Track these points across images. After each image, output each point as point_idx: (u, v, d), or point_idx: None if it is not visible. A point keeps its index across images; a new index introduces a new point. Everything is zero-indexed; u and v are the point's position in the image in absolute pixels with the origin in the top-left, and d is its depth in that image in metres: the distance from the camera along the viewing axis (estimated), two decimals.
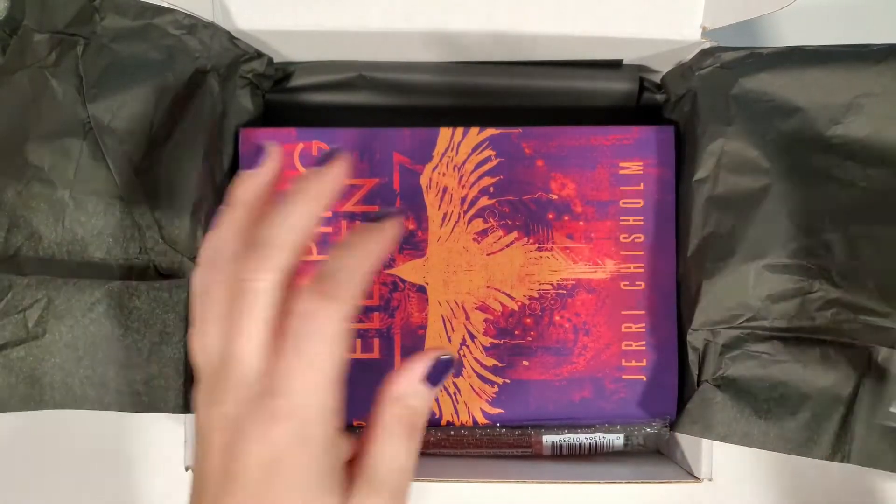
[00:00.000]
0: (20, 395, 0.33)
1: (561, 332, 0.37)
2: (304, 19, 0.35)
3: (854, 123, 0.33)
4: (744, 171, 0.34)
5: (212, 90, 0.35)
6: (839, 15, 0.43)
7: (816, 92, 0.34)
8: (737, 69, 0.34)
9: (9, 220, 0.33)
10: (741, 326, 0.34)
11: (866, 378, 0.33)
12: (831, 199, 0.33)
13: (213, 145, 0.35)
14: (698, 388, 0.34)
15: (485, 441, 0.37)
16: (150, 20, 0.34)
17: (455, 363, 0.29)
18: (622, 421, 0.36)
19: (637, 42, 0.36)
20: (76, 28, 0.33)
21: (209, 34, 0.35)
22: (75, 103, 0.33)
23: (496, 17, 0.35)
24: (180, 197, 0.34)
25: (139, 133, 0.34)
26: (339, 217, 0.37)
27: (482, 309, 0.37)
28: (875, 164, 0.33)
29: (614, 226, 0.37)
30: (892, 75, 0.33)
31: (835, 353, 0.33)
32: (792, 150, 0.34)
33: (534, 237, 0.37)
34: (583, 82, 0.39)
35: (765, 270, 0.33)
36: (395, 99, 0.40)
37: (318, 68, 0.39)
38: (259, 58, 0.37)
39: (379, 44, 0.37)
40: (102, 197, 0.33)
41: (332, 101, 0.40)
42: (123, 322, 0.33)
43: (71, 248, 0.33)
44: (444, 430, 0.37)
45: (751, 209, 0.34)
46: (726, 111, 0.34)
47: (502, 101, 0.40)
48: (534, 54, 0.38)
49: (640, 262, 0.37)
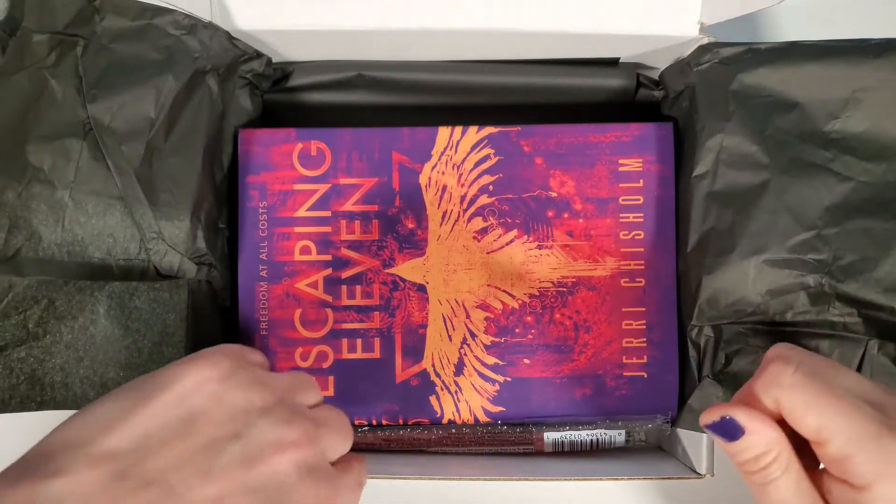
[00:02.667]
0: (21, 397, 0.33)
1: (561, 330, 0.37)
2: (303, 19, 0.35)
3: (852, 118, 0.33)
4: (743, 167, 0.34)
5: (211, 90, 0.35)
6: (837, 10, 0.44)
7: (815, 87, 0.34)
8: (735, 65, 0.34)
9: (9, 221, 0.33)
10: (741, 321, 0.34)
11: (866, 371, 0.33)
12: (830, 193, 0.33)
13: (213, 145, 0.35)
14: (699, 383, 0.34)
15: (486, 439, 0.37)
16: (149, 20, 0.34)
17: None
18: (623, 417, 0.36)
19: (635, 39, 0.36)
20: (76, 28, 0.34)
21: (208, 34, 0.35)
22: (75, 104, 0.33)
23: (494, 15, 0.35)
24: (180, 197, 0.34)
25: (139, 133, 0.34)
26: (338, 217, 0.37)
27: (483, 307, 0.37)
28: (874, 158, 0.33)
29: (614, 223, 0.37)
30: (891, 69, 0.33)
31: (835, 347, 0.33)
32: (791, 145, 0.34)
33: (533, 235, 0.37)
34: (581, 80, 0.39)
35: (765, 265, 0.33)
36: (393, 98, 0.40)
37: (316, 68, 0.39)
38: (258, 58, 0.37)
39: (377, 43, 0.37)
40: (102, 197, 0.33)
41: (331, 100, 0.40)
42: (124, 322, 0.33)
43: (71, 249, 0.33)
44: (446, 429, 0.37)
45: (750, 204, 0.34)
46: (725, 107, 0.34)
47: (501, 100, 0.40)
48: (532, 52, 0.38)
49: (641, 259, 0.37)
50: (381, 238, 0.37)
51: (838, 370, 0.26)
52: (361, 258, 0.37)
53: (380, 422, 0.37)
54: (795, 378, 0.25)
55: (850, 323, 0.33)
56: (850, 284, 0.33)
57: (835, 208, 0.33)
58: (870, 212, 0.33)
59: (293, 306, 0.37)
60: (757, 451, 0.25)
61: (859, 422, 0.23)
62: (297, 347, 0.37)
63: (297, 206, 0.37)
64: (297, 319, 0.37)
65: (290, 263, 0.37)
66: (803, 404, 0.24)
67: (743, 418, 0.25)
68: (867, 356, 0.33)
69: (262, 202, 0.37)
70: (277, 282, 0.37)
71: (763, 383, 0.26)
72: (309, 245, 0.37)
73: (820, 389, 0.24)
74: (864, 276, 0.33)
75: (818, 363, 0.26)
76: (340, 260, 0.37)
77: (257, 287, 0.37)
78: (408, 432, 0.37)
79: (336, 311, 0.37)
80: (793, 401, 0.25)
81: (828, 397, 0.24)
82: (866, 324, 0.33)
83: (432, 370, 0.37)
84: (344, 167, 0.37)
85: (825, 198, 0.33)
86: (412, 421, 0.37)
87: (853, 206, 0.33)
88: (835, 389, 0.24)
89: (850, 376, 0.25)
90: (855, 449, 0.23)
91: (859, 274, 0.33)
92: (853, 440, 0.23)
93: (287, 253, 0.37)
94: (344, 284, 0.37)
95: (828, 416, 0.24)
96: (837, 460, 0.24)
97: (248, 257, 0.37)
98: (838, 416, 0.24)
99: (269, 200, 0.37)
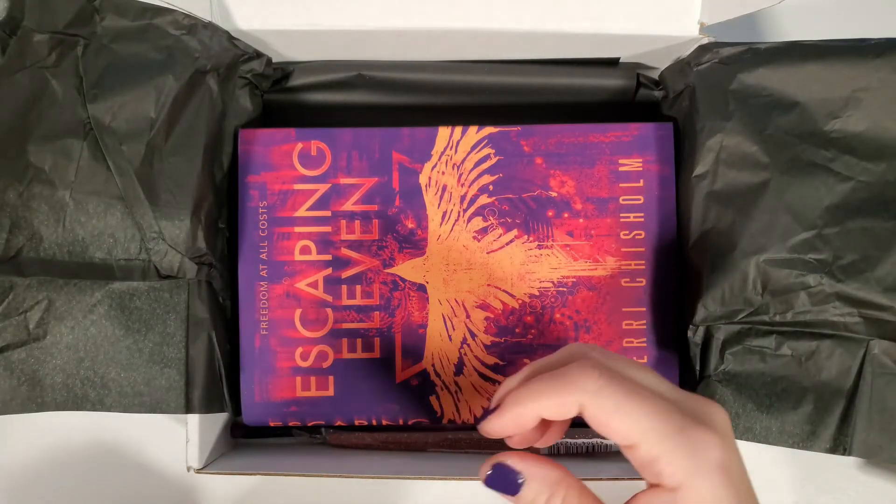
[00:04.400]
0: (21, 398, 0.33)
1: (562, 330, 0.37)
2: (303, 19, 0.35)
3: (852, 117, 0.33)
4: (743, 166, 0.34)
5: (211, 90, 0.35)
6: (837, 9, 0.44)
7: (815, 86, 0.34)
8: (735, 64, 0.34)
9: (10, 221, 0.33)
10: (742, 321, 0.34)
11: (866, 371, 0.33)
12: (830, 193, 0.33)
13: (213, 145, 0.35)
14: (700, 383, 0.34)
15: (483, 444, 0.37)
16: (149, 20, 0.34)
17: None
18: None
19: (635, 38, 0.36)
20: (76, 28, 0.34)
21: (208, 34, 0.35)
22: (75, 104, 0.33)
23: (494, 15, 0.35)
24: (180, 197, 0.34)
25: (139, 133, 0.34)
26: (338, 216, 0.37)
27: (483, 307, 0.37)
28: (873, 157, 0.33)
29: (614, 223, 0.37)
30: (890, 69, 0.33)
31: (835, 347, 0.33)
32: (790, 145, 0.34)
33: (534, 235, 0.37)
34: (581, 80, 0.39)
35: (765, 265, 0.33)
36: (393, 98, 0.40)
37: (316, 68, 0.39)
38: (258, 58, 0.37)
39: (377, 43, 0.37)
40: (103, 197, 0.33)
41: (331, 100, 0.40)
42: (124, 323, 0.33)
43: (72, 249, 0.33)
44: (442, 434, 0.37)
45: (750, 204, 0.34)
46: (725, 106, 0.34)
47: (501, 100, 0.40)
48: (532, 52, 0.38)
49: (641, 259, 0.37)
50: (381, 238, 0.37)
51: (636, 368, 0.25)
52: (361, 258, 0.37)
53: (380, 422, 0.37)
54: (601, 382, 0.23)
55: (850, 323, 0.33)
56: (851, 284, 0.33)
57: (835, 208, 0.33)
58: (870, 211, 0.33)
59: (293, 306, 0.37)
60: (544, 498, 0.24)
61: (665, 419, 0.23)
62: (298, 347, 0.37)
63: (297, 205, 0.37)
64: (297, 319, 0.37)
65: (290, 263, 0.37)
66: (612, 408, 0.23)
67: (517, 464, 0.25)
68: (868, 356, 0.33)
69: (262, 202, 0.37)
70: (277, 282, 0.37)
71: (566, 388, 0.24)
72: (309, 245, 0.37)
73: (625, 391, 0.23)
74: (865, 276, 0.33)
75: (618, 363, 0.25)
76: (340, 260, 0.37)
77: (257, 287, 0.37)
78: (405, 436, 0.37)
79: (336, 310, 0.37)
80: (599, 406, 0.23)
81: (633, 399, 0.23)
82: (867, 324, 0.33)
83: (432, 370, 0.37)
84: (344, 167, 0.37)
85: (825, 197, 0.33)
86: (412, 421, 0.37)
87: (853, 206, 0.33)
88: (639, 390, 0.23)
89: (648, 375, 0.25)
90: (665, 446, 0.22)
91: (860, 273, 0.33)
92: (662, 438, 0.22)
93: (287, 253, 0.37)
94: (344, 284, 0.37)
95: (635, 417, 0.23)
96: (648, 462, 0.23)
97: (248, 257, 0.37)
98: (646, 417, 0.23)
99: (269, 200, 0.37)
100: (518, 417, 0.25)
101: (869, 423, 0.33)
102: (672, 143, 0.37)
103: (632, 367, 0.25)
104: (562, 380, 0.24)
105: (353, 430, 0.39)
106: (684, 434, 0.22)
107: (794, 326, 0.33)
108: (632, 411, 0.23)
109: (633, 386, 0.23)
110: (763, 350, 0.33)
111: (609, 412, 0.23)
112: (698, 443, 0.22)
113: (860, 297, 0.33)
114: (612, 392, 0.23)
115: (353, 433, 0.38)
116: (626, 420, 0.23)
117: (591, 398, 0.23)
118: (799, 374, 0.33)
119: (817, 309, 0.33)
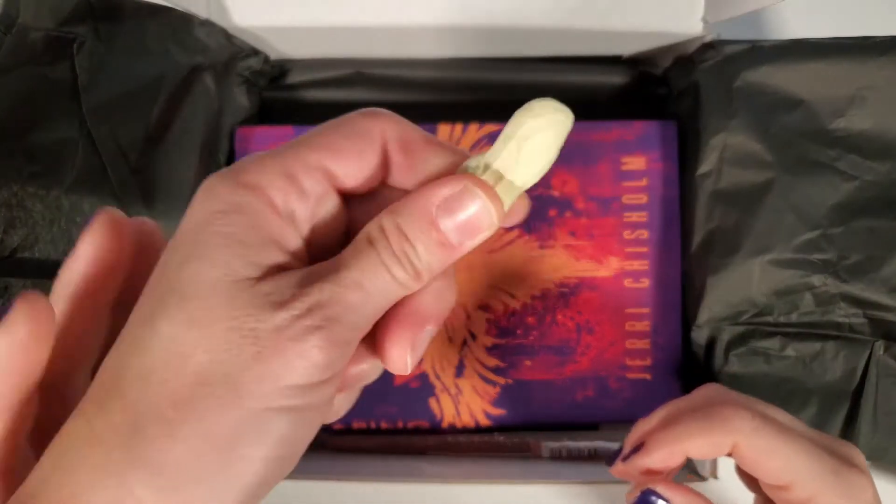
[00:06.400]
0: None
1: (563, 332, 0.36)
2: (301, 16, 0.35)
3: (857, 116, 0.33)
4: (747, 165, 0.34)
5: (208, 88, 0.35)
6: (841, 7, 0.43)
7: (819, 85, 0.34)
8: (739, 62, 0.34)
9: (5, 221, 0.32)
10: (746, 322, 0.33)
11: (871, 373, 0.32)
12: (835, 192, 0.33)
13: (210, 143, 0.35)
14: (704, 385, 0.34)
15: (483, 447, 0.37)
16: (145, 18, 0.34)
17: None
18: (626, 420, 0.36)
19: (638, 36, 0.35)
20: (72, 26, 0.33)
21: (205, 32, 0.34)
22: (71, 102, 0.33)
23: (495, 12, 0.35)
24: (177, 196, 0.34)
25: (135, 132, 0.33)
26: None
27: (483, 308, 0.36)
28: (878, 156, 0.33)
29: (617, 222, 0.37)
30: (895, 67, 0.33)
31: (840, 348, 0.33)
32: (795, 144, 0.33)
33: (535, 235, 0.37)
34: (584, 77, 0.39)
35: (770, 265, 0.33)
36: (393, 95, 0.40)
37: (314, 65, 0.39)
38: (255, 55, 0.37)
39: (376, 40, 0.36)
40: (98, 196, 0.33)
41: (330, 97, 0.40)
42: None
43: (67, 249, 0.33)
44: (442, 437, 0.36)
45: (755, 203, 0.33)
46: (729, 105, 0.34)
47: (502, 97, 0.39)
48: (534, 49, 0.38)
49: (645, 259, 0.36)
50: None
51: (777, 410, 0.26)
52: None
53: (378, 425, 0.36)
54: (755, 423, 0.24)
55: (855, 324, 0.33)
56: (856, 284, 0.32)
57: (840, 207, 0.33)
58: (875, 211, 0.33)
59: None
60: None
61: (818, 461, 0.24)
62: None
63: None
64: None
65: None
66: (766, 449, 0.24)
67: (665, 491, 0.25)
68: (873, 357, 0.33)
69: None
70: None
71: (721, 429, 0.25)
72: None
73: (777, 432, 0.24)
74: (870, 276, 0.32)
75: (760, 405, 0.26)
76: None
77: None
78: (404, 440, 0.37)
79: None
80: (753, 446, 0.24)
81: (787, 440, 0.24)
82: (872, 324, 0.33)
83: (432, 372, 0.36)
84: None
85: (830, 197, 0.33)
86: (412, 424, 0.36)
87: (858, 205, 0.33)
88: (790, 431, 0.24)
89: (788, 416, 0.26)
90: (821, 486, 0.23)
91: (865, 274, 0.32)
92: (817, 478, 0.23)
93: None
94: None
95: (790, 458, 0.24)
96: (800, 502, 0.24)
97: None
98: (799, 458, 0.24)
99: None
100: (669, 456, 0.25)
101: (874, 425, 0.32)
102: (676, 142, 0.37)
103: (774, 409, 0.26)
104: (715, 421, 0.25)
105: (352, 433, 0.38)
106: (839, 476, 0.24)
107: (798, 327, 0.33)
108: (786, 452, 0.24)
109: (783, 427, 0.24)
110: (767, 351, 0.33)
111: (763, 452, 0.24)
112: (854, 485, 0.24)
113: (865, 297, 0.33)
114: (766, 433, 0.24)
115: (352, 436, 0.38)
116: (781, 460, 0.24)
117: (746, 439, 0.24)
118: (803, 376, 0.33)
119: (822, 310, 0.33)
